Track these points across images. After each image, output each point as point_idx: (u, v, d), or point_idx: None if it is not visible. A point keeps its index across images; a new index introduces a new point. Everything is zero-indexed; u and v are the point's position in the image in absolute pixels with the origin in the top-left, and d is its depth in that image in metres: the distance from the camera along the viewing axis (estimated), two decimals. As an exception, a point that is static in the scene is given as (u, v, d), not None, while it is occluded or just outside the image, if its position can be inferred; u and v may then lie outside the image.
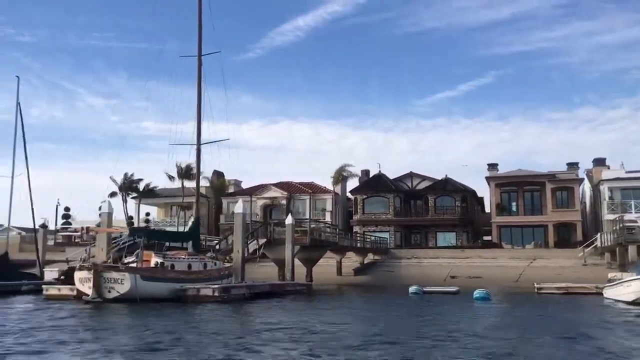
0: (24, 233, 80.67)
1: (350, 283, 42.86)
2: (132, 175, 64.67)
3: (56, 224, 36.83)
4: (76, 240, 42.97)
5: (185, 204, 64.45)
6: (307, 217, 62.56)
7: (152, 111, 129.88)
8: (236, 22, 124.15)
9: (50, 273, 34.85)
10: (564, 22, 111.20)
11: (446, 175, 61.08)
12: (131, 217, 52.90)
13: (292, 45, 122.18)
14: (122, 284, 22.50)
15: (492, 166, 61.04)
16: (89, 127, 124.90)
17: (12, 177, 34.93)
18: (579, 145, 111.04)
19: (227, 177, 68.35)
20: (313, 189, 64.81)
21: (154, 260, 25.02)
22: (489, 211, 67.88)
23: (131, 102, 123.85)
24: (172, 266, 25.28)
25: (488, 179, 57.64)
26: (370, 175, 65.48)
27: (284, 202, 64.40)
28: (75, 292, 25.03)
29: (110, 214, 28.48)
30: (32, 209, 33.65)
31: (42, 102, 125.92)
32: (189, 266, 26.11)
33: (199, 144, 29.64)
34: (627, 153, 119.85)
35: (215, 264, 27.64)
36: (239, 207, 26.10)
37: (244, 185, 71.53)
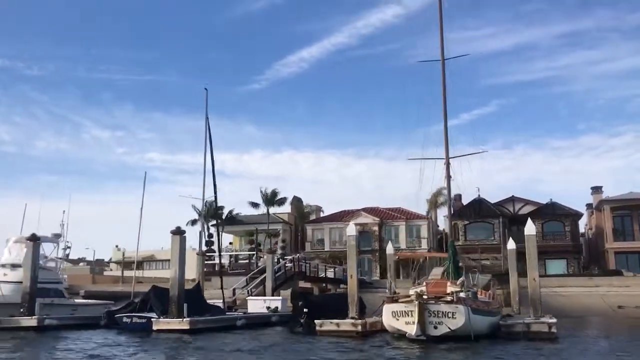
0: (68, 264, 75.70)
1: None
2: (213, 201, 60.90)
3: (201, 251, 33.05)
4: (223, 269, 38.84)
5: (272, 231, 60.73)
6: (402, 244, 59.61)
7: (158, 143, 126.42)
8: (241, 54, 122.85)
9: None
10: (567, 52, 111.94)
11: (551, 200, 58.64)
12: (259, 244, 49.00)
13: (297, 77, 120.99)
14: (453, 318, 19.04)
15: (596, 189, 59.02)
16: (95, 158, 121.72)
17: (203, 198, 31.26)
18: (582, 172, 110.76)
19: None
20: (406, 215, 61.71)
21: (450, 289, 21.57)
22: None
23: (137, 133, 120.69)
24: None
25: (602, 202, 55.33)
26: (460, 200, 62.80)
27: (374, 228, 61.11)
28: (359, 328, 21.52)
29: (357, 237, 25.01)
30: (219, 236, 29.85)
31: (48, 134, 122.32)
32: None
33: (447, 157, 26.51)
34: (631, 181, 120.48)
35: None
36: (530, 229, 22.87)
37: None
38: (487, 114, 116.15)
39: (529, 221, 23.34)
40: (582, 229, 67.16)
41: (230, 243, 60.57)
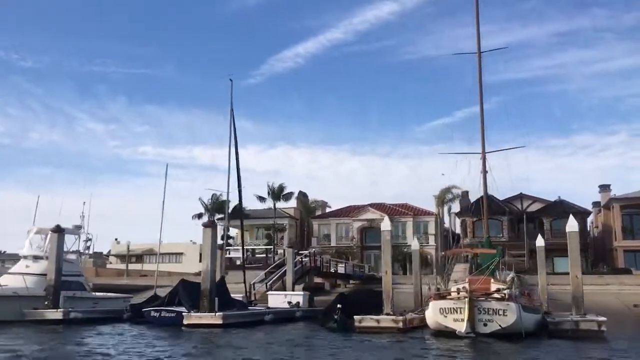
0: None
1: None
2: (220, 195, 60.22)
3: (222, 245, 32.49)
4: (238, 264, 38.17)
5: (278, 226, 60.08)
6: (409, 240, 59.06)
7: (152, 136, 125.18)
8: (237, 49, 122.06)
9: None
10: (562, 50, 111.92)
11: (559, 197, 58.50)
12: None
13: (292, 72, 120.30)
14: (504, 315, 18.59)
15: (604, 187, 58.92)
16: (88, 151, 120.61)
17: (228, 191, 30.64)
18: (576, 171, 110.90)
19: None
20: (413, 211, 61.27)
21: (494, 286, 21.07)
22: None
23: (131, 127, 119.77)
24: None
25: (612, 200, 55.17)
26: (467, 196, 62.44)
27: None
28: (400, 325, 21.00)
29: (391, 232, 24.51)
30: (242, 229, 29.25)
31: (42, 126, 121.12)
32: (512, 294, 22.25)
33: (483, 152, 26.04)
34: (625, 179, 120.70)
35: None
36: (572, 225, 22.43)
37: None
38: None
39: (571, 217, 22.97)
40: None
41: (231, 238, 59.77)
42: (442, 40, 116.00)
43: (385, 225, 24.57)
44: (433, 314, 19.65)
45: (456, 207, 62.28)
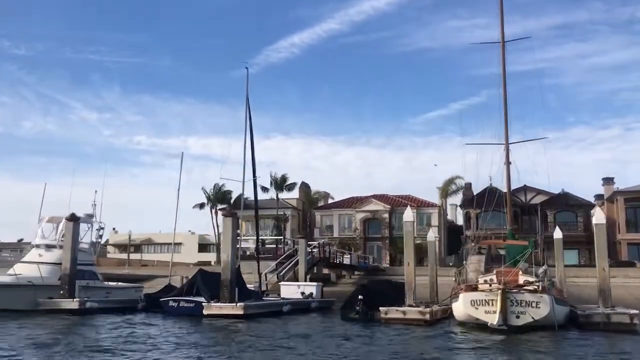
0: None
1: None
2: (222, 186, 59.81)
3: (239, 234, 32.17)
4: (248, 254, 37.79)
5: (283, 217, 59.69)
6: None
7: (146, 126, 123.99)
8: (232, 39, 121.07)
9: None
10: (558, 44, 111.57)
11: (563, 190, 58.43)
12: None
13: (288, 62, 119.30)
14: (537, 307, 18.32)
15: (608, 180, 58.86)
16: (82, 140, 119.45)
17: (243, 181, 30.15)
18: (569, 164, 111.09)
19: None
20: (417, 203, 61.02)
21: (523, 279, 20.74)
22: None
23: (125, 116, 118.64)
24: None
25: (615, 193, 55.12)
26: (471, 188, 62.32)
27: (385, 215, 60.35)
28: (427, 316, 20.71)
29: (412, 223, 24.18)
30: (257, 220, 28.85)
31: (36, 115, 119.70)
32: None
33: (507, 143, 25.69)
34: (620, 173, 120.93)
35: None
36: (599, 217, 22.12)
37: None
38: (478, 104, 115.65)
39: (598, 209, 22.71)
40: (588, 220, 67.08)
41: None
42: (437, 31, 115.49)
43: (408, 215, 24.23)
44: (463, 306, 19.32)
45: (457, 199, 62.27)
